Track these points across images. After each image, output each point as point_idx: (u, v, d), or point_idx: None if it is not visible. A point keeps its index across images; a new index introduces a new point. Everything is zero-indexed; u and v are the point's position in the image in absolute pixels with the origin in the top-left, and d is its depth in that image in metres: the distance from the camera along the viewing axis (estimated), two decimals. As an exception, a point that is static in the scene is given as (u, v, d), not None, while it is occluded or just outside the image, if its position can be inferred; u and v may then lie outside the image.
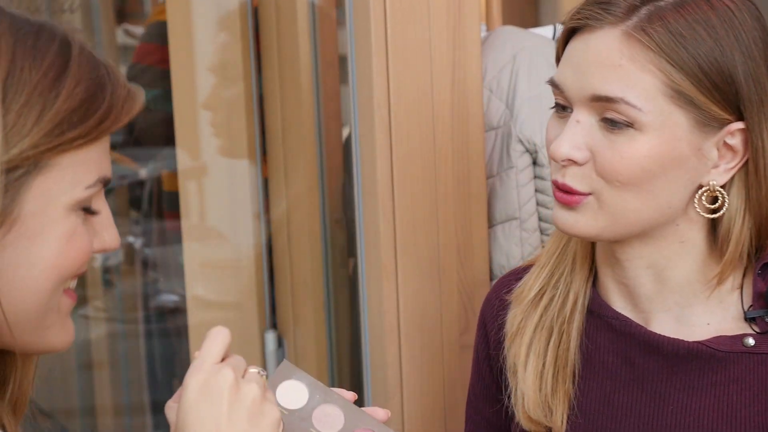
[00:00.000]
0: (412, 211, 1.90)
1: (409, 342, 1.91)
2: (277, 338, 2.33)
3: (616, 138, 1.29)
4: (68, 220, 1.07)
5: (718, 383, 1.35)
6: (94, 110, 1.07)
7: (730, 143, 1.31)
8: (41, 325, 1.09)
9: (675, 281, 1.38)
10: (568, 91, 1.32)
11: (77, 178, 1.07)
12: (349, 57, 1.90)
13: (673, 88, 1.27)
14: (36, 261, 1.06)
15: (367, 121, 1.87)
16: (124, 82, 1.11)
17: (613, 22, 1.29)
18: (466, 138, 1.92)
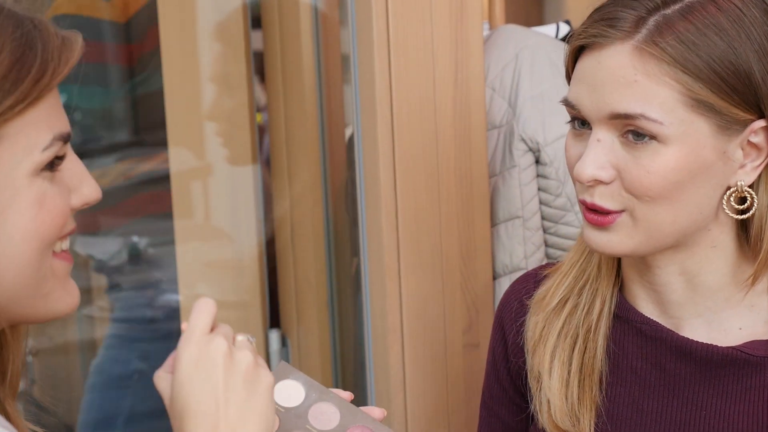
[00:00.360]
0: (414, 210, 1.89)
1: (412, 341, 1.91)
2: (281, 337, 2.33)
3: (640, 153, 1.27)
4: (34, 186, 1.05)
5: (753, 388, 1.34)
6: (27, 71, 1.04)
7: (754, 141, 1.30)
8: (39, 293, 1.08)
9: (707, 286, 1.36)
10: (584, 109, 1.30)
11: (31, 143, 1.05)
12: (351, 56, 1.90)
13: (691, 97, 1.26)
14: (12, 232, 1.04)
15: (370, 120, 1.87)
16: (56, 32, 1.08)
17: (621, 37, 1.27)
18: (469, 137, 1.92)
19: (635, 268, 1.40)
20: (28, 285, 1.07)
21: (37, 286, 1.08)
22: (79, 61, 1.10)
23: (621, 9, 1.28)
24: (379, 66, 1.84)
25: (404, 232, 1.89)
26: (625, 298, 1.42)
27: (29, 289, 1.07)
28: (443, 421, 1.97)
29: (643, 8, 1.27)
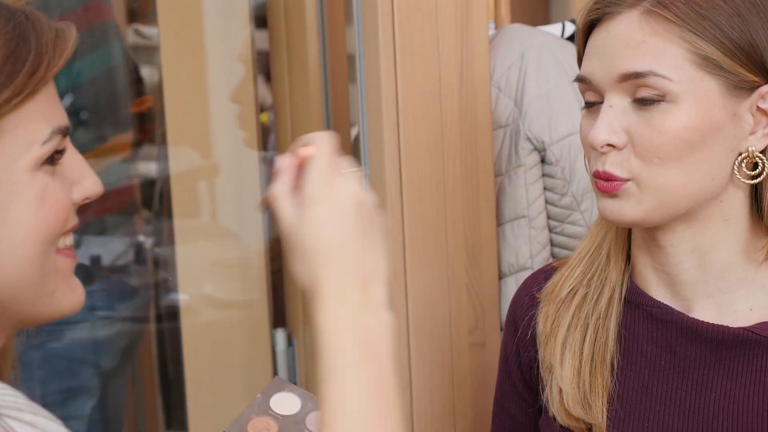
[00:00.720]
0: (420, 209, 1.89)
1: (417, 341, 1.91)
2: (287, 337, 2.33)
3: (651, 115, 1.30)
4: (35, 181, 1.04)
5: (763, 370, 1.34)
6: (21, 64, 1.02)
7: (763, 107, 1.32)
8: (44, 292, 1.06)
9: (719, 265, 1.37)
10: (596, 79, 1.33)
11: (29, 137, 1.04)
12: (356, 56, 1.90)
13: (699, 55, 1.29)
14: (14, 229, 1.03)
15: (375, 119, 1.87)
16: (49, 23, 1.06)
17: (631, 4, 1.31)
18: (474, 136, 1.91)
19: (647, 250, 1.40)
20: (33, 283, 1.05)
21: (42, 285, 1.06)
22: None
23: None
24: (385, 66, 1.84)
25: (410, 232, 1.88)
26: (636, 283, 1.43)
27: (34, 288, 1.05)
28: (449, 422, 1.97)
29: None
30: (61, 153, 1.07)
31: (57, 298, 1.07)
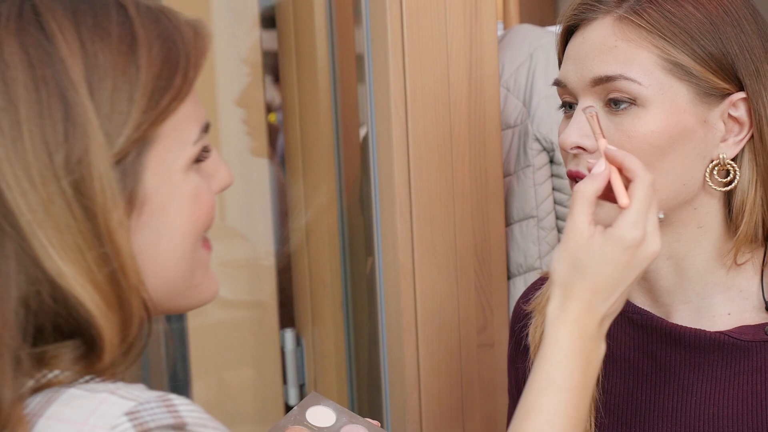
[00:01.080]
0: (429, 209, 1.89)
1: (426, 341, 1.91)
2: (296, 337, 2.33)
3: (622, 120, 1.31)
4: (189, 181, 1.06)
5: (742, 373, 1.35)
6: (175, 66, 1.04)
7: (734, 115, 1.33)
8: (191, 285, 1.09)
9: (695, 270, 1.38)
10: (570, 83, 1.35)
11: (183, 138, 1.05)
12: (365, 56, 1.90)
13: (669, 61, 1.30)
14: (173, 229, 1.05)
15: (384, 120, 1.87)
16: (185, 21, 1.08)
17: (606, 11, 1.33)
18: (483, 136, 1.92)
19: None
20: (185, 278, 1.08)
21: (191, 278, 1.08)
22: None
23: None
24: (394, 66, 1.84)
25: (419, 232, 1.89)
26: None
27: (185, 282, 1.08)
28: (458, 421, 1.97)
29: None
30: (208, 151, 1.09)
31: (200, 290, 1.10)
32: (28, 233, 0.97)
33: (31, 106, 0.98)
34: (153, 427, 0.94)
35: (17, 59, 0.99)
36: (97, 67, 0.99)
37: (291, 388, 2.30)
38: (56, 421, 0.96)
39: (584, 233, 1.20)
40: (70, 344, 1.00)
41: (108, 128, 0.99)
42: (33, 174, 0.97)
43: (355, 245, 2.28)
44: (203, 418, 0.98)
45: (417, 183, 1.87)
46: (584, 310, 1.18)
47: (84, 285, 0.98)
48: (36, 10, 1.01)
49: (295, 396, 2.29)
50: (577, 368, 1.16)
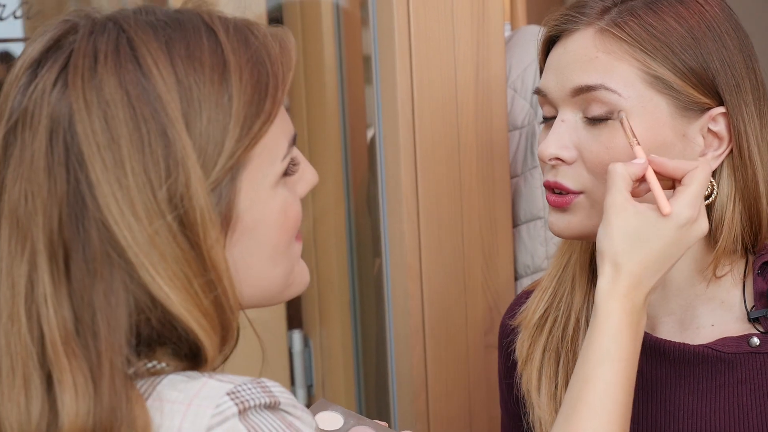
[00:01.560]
0: (436, 211, 1.90)
1: (434, 342, 1.91)
2: (303, 338, 2.33)
3: (601, 131, 1.31)
4: (276, 197, 1.09)
5: (727, 385, 1.35)
6: (264, 89, 1.06)
7: (714, 130, 1.33)
8: (285, 286, 1.13)
9: (676, 283, 1.38)
10: (550, 93, 1.34)
11: (273, 156, 1.08)
12: (372, 57, 1.90)
13: (650, 74, 1.30)
14: (264, 243, 1.08)
15: (391, 121, 1.87)
16: (269, 34, 1.09)
17: (587, 22, 1.34)
18: (490, 138, 1.92)
19: None
20: (280, 282, 1.12)
21: (286, 280, 1.13)
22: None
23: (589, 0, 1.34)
24: (401, 67, 1.84)
25: (426, 233, 1.89)
26: None
27: (281, 285, 1.12)
28: (465, 422, 1.97)
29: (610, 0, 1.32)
30: (296, 165, 1.12)
31: (292, 288, 1.15)
32: (136, 264, 1.01)
33: (132, 144, 1.01)
34: (252, 406, 1.01)
35: (117, 98, 1.02)
36: (192, 101, 1.03)
37: (299, 389, 2.30)
38: (162, 402, 1.01)
39: (629, 208, 1.23)
40: (172, 348, 1.05)
41: (204, 160, 1.02)
42: (138, 210, 1.01)
43: (363, 246, 2.28)
44: (292, 398, 1.05)
45: (424, 184, 1.87)
46: (634, 284, 1.23)
47: (191, 310, 1.02)
48: (132, 44, 1.04)
49: (302, 397, 2.29)
50: (629, 340, 1.21)
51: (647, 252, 1.23)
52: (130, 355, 1.02)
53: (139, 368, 1.03)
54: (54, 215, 1.02)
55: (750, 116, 1.33)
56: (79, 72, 1.02)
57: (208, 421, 0.99)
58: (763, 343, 1.34)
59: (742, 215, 1.35)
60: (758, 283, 1.36)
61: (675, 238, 1.23)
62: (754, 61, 1.35)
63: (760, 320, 1.35)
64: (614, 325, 1.21)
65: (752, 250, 1.38)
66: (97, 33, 1.04)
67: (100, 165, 1.01)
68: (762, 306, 1.35)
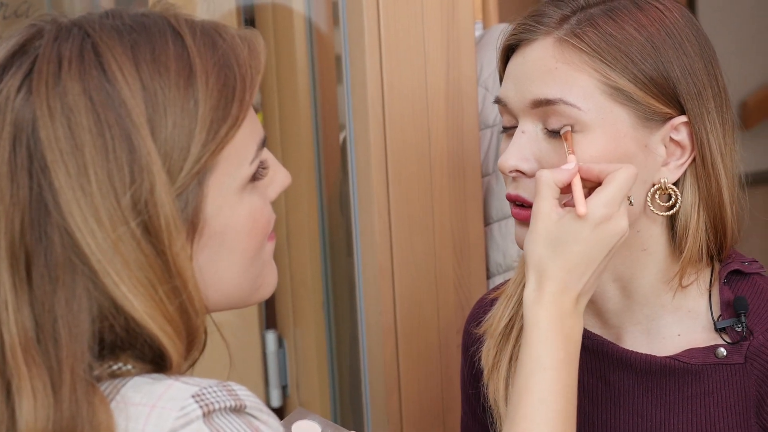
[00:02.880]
0: (407, 210, 1.90)
1: (406, 340, 1.92)
2: (278, 338, 2.33)
3: (561, 144, 1.29)
4: (243, 202, 1.08)
5: (693, 396, 1.34)
6: (231, 93, 1.05)
7: (676, 139, 1.31)
8: (254, 289, 1.13)
9: (641, 292, 1.37)
10: (510, 103, 1.33)
11: (241, 159, 1.07)
12: (343, 56, 1.91)
13: (610, 85, 1.28)
14: (233, 248, 1.08)
15: (362, 120, 1.87)
16: (237, 36, 1.09)
17: (546, 32, 1.31)
18: (461, 136, 1.92)
19: None
20: (248, 287, 1.12)
21: (255, 286, 1.13)
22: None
23: (548, 8, 1.32)
24: (371, 66, 1.84)
25: (397, 233, 1.89)
26: None
27: (249, 288, 1.12)
28: (438, 420, 1.97)
29: (569, 7, 1.31)
30: (265, 168, 1.11)
31: (261, 291, 1.14)
32: (99, 271, 1.00)
33: (96, 150, 1.01)
34: (217, 408, 1.00)
35: (81, 104, 1.01)
36: (157, 106, 1.02)
37: (273, 389, 2.30)
38: (126, 405, 1.01)
39: (552, 215, 1.22)
40: (136, 353, 1.05)
41: (169, 166, 1.02)
42: (101, 216, 1.00)
43: (336, 246, 2.28)
44: (258, 402, 1.04)
45: (395, 183, 1.88)
46: (559, 290, 1.21)
47: (155, 317, 1.02)
48: (96, 49, 1.03)
49: (277, 397, 2.29)
50: (560, 346, 1.20)
51: (568, 255, 1.21)
52: (92, 362, 1.01)
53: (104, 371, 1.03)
54: (16, 221, 1.01)
55: (712, 124, 1.31)
56: (43, 78, 1.02)
57: (172, 424, 0.99)
58: (730, 354, 1.33)
59: (707, 224, 1.34)
60: (724, 293, 1.35)
61: (593, 239, 1.22)
62: (715, 66, 1.34)
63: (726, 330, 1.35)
64: (543, 333, 1.20)
65: (718, 258, 1.38)
66: (62, 38, 1.04)
67: (63, 171, 1.00)
68: (728, 316, 1.34)
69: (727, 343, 1.34)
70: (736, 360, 1.33)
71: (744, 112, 3.55)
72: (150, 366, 1.05)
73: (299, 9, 2.18)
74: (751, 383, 1.33)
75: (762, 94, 3.63)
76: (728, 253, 1.38)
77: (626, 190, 1.24)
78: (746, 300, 1.34)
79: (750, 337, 1.33)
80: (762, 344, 1.32)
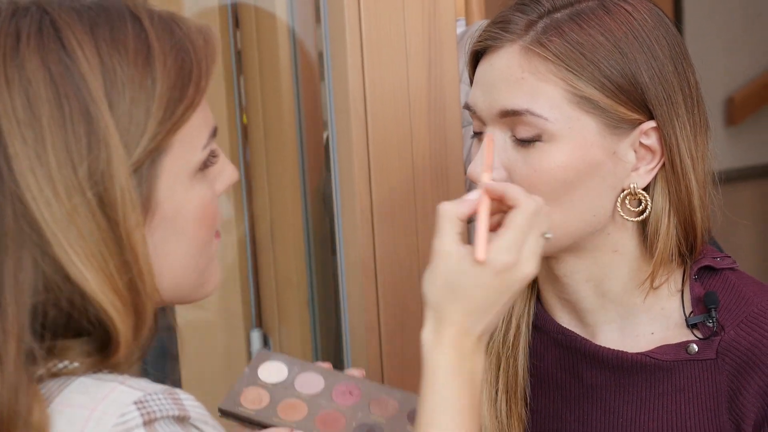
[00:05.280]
0: (390, 208, 1.89)
1: (389, 339, 1.91)
2: (263, 337, 2.33)
3: (529, 153, 1.29)
4: (196, 189, 1.10)
5: (665, 393, 1.34)
6: (188, 76, 1.07)
7: (646, 143, 1.31)
8: (199, 283, 1.15)
9: (614, 292, 1.37)
10: (479, 110, 1.33)
11: (194, 144, 1.10)
12: (324, 54, 1.90)
13: (576, 94, 1.28)
14: (182, 233, 1.10)
15: (343, 117, 1.87)
16: (194, 27, 1.11)
17: (512, 39, 1.31)
18: (444, 134, 1.91)
19: (547, 279, 1.41)
20: (195, 276, 1.13)
21: (201, 280, 1.14)
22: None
23: (514, 13, 1.31)
24: (352, 64, 1.84)
25: (379, 230, 1.88)
26: (543, 309, 1.43)
27: (196, 279, 1.14)
28: (423, 419, 1.97)
29: (535, 12, 1.30)
30: (216, 156, 1.13)
31: (206, 286, 1.16)
32: (52, 242, 1.01)
33: (54, 121, 1.02)
34: (159, 417, 0.99)
35: (39, 76, 1.02)
36: (115, 82, 1.03)
37: (259, 388, 2.30)
38: (66, 406, 1.00)
39: (453, 254, 1.19)
40: (82, 340, 1.04)
41: (126, 140, 1.03)
42: (57, 186, 1.01)
43: (321, 244, 2.28)
44: (205, 414, 1.04)
45: (377, 181, 1.87)
46: (459, 334, 1.18)
47: (105, 291, 1.02)
48: (55, 25, 1.04)
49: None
50: (463, 392, 1.17)
51: (468, 300, 1.17)
52: (33, 344, 1.01)
53: (50, 369, 1.02)
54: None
55: (682, 128, 1.31)
56: (1, 51, 1.02)
57: (110, 430, 0.98)
58: (701, 349, 1.33)
59: (677, 228, 1.34)
60: (695, 289, 1.35)
61: (495, 286, 1.17)
62: (687, 65, 1.33)
63: (698, 326, 1.35)
64: (443, 378, 1.17)
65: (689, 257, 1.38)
66: (20, 15, 1.05)
67: (19, 140, 1.01)
68: (699, 312, 1.35)
69: (698, 338, 1.34)
70: (707, 356, 1.33)
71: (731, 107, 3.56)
72: (97, 356, 1.04)
73: (282, 7, 2.18)
74: (722, 378, 1.33)
75: (748, 90, 3.64)
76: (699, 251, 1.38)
77: (528, 230, 1.18)
78: (717, 295, 1.34)
79: (721, 333, 1.33)
80: (733, 339, 1.32)
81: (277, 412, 1.34)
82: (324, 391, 1.36)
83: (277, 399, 1.34)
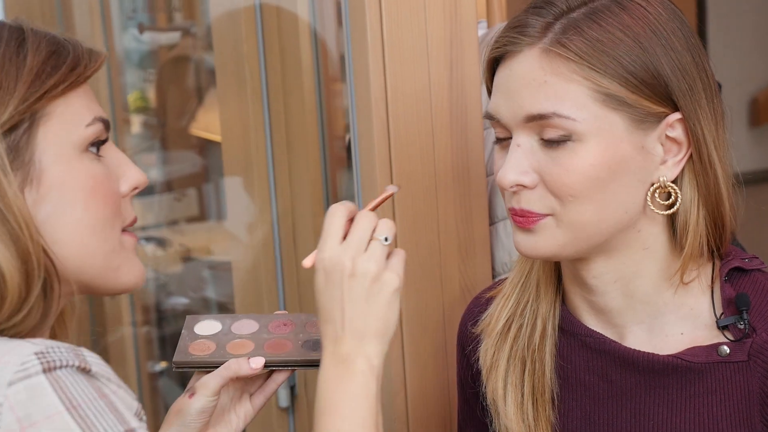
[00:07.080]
0: (412, 209, 1.89)
1: (412, 340, 1.91)
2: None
3: (559, 154, 1.28)
4: (85, 163, 1.17)
5: (697, 395, 1.34)
6: (63, 60, 1.17)
7: (672, 136, 1.31)
8: (108, 267, 1.20)
9: (643, 290, 1.36)
10: (503, 118, 1.32)
11: (76, 119, 1.18)
12: (346, 56, 1.91)
13: (601, 92, 1.27)
14: (74, 204, 1.16)
15: (365, 119, 1.87)
16: (83, 43, 1.21)
17: (530, 42, 1.30)
18: (465, 135, 1.92)
19: (574, 280, 1.40)
20: (96, 255, 1.19)
21: (106, 260, 1.19)
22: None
23: (530, 17, 1.31)
24: (374, 66, 1.84)
25: (401, 232, 1.89)
26: (569, 311, 1.42)
27: (99, 260, 1.19)
28: (446, 420, 1.97)
29: (551, 14, 1.29)
30: (104, 142, 1.20)
31: (121, 273, 1.21)
32: None
33: None
34: (59, 366, 1.05)
35: None
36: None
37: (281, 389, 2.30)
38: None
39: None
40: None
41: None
42: None
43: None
44: (109, 372, 1.09)
45: (399, 182, 1.87)
46: (329, 342, 1.30)
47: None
48: None
49: (285, 397, 2.29)
50: (350, 412, 1.26)
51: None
52: None
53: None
54: None
55: (705, 118, 1.31)
56: None
57: (11, 377, 1.03)
58: (733, 351, 1.33)
59: (706, 219, 1.34)
60: (726, 290, 1.35)
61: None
62: (703, 57, 1.33)
63: (729, 328, 1.34)
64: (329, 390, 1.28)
65: (718, 254, 1.37)
66: None
67: None
68: (730, 313, 1.34)
69: (729, 340, 1.33)
70: (739, 358, 1.32)
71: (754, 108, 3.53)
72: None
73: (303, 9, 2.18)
74: (754, 381, 1.32)
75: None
76: (728, 249, 1.37)
77: (365, 237, 1.33)
78: (748, 297, 1.33)
79: (753, 335, 1.32)
80: (765, 341, 1.32)
81: (227, 351, 1.45)
82: (261, 329, 1.48)
83: (222, 343, 1.45)
